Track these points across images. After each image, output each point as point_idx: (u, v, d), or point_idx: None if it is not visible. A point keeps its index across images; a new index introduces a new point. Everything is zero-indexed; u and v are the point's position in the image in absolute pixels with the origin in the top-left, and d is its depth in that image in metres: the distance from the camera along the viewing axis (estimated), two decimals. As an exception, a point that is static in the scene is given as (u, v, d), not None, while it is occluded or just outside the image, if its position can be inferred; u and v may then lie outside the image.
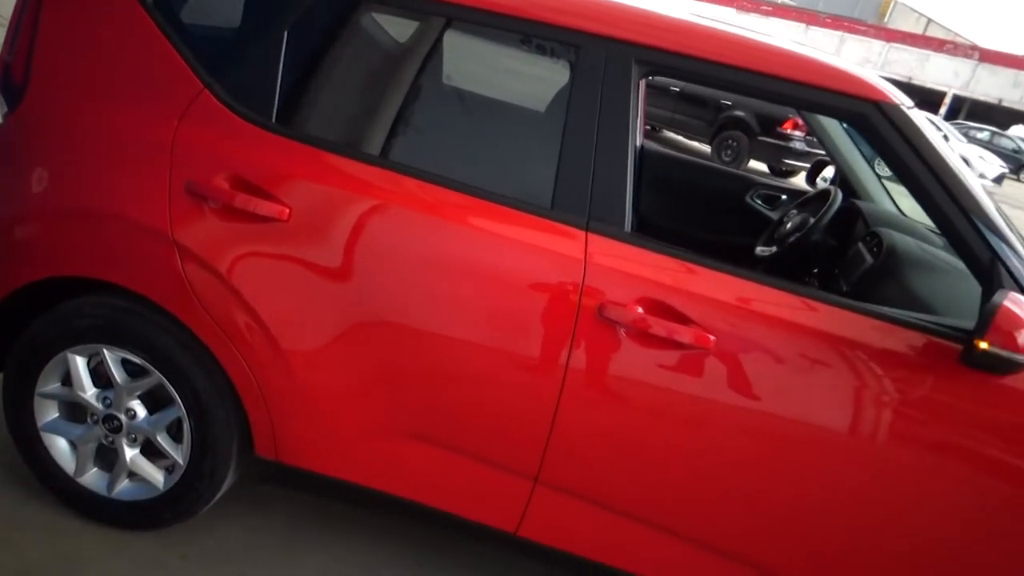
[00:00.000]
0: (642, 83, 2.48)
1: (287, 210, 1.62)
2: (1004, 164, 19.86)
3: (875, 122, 1.54)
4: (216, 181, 1.64)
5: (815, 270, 2.50)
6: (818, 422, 1.54)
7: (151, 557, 1.89)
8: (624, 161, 1.59)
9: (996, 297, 1.37)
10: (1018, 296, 1.39)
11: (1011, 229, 1.57)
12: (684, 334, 1.53)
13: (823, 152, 2.84)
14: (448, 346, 1.65)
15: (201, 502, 1.88)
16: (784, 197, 2.91)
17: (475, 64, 2.57)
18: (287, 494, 2.15)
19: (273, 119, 1.69)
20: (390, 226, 1.62)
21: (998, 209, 1.61)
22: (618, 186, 1.60)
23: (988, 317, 1.35)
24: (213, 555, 1.94)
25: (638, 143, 2.94)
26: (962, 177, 1.54)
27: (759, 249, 2.58)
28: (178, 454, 1.83)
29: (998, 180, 18.82)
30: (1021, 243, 1.56)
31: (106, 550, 1.88)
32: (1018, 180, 23.60)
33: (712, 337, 1.53)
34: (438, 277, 1.62)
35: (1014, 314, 1.35)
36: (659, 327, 1.53)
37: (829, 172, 3.16)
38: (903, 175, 1.55)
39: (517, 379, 1.63)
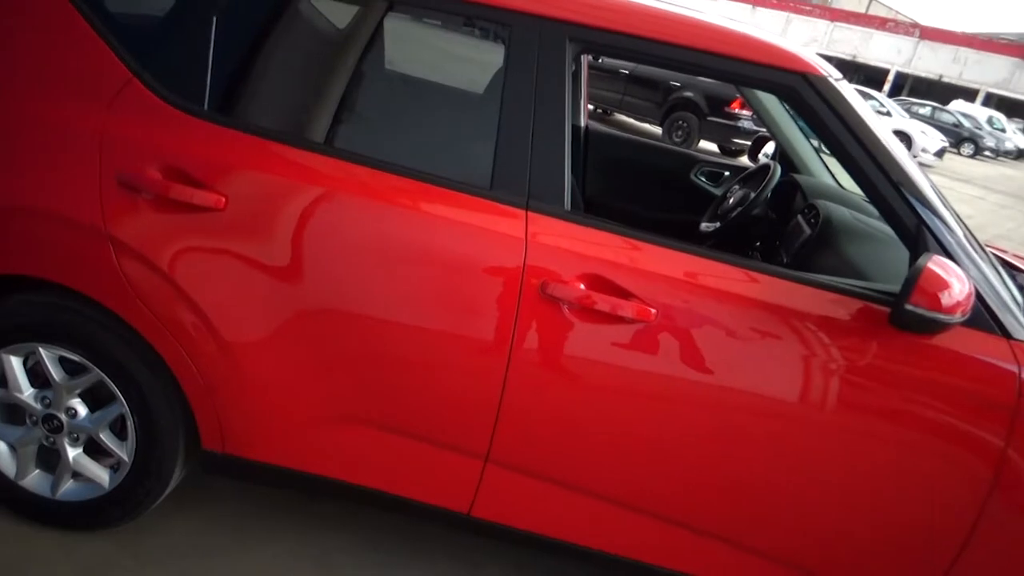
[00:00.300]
0: (584, 62, 2.49)
1: (223, 199, 1.60)
2: (944, 138, 20.41)
3: (803, 94, 1.58)
4: (148, 172, 1.61)
5: (757, 243, 2.55)
6: (760, 389, 1.57)
7: (102, 558, 1.86)
8: (561, 140, 1.61)
9: (920, 260, 1.42)
10: (941, 259, 1.44)
11: (937, 197, 1.63)
12: (626, 308, 1.55)
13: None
14: (393, 330, 1.64)
15: (150, 499, 1.85)
16: (727, 174, 2.96)
17: (417, 49, 2.55)
18: (238, 487, 2.13)
19: (205, 106, 1.66)
20: (329, 212, 1.61)
21: (924, 178, 1.67)
22: (556, 165, 1.61)
23: (912, 280, 1.40)
24: (166, 552, 1.92)
25: (582, 123, 2.96)
26: (889, 147, 1.58)
27: (704, 225, 2.62)
28: (123, 451, 1.80)
29: (939, 154, 19.34)
30: (946, 210, 1.62)
31: (55, 553, 1.84)
32: (959, 154, 24.32)
33: (653, 311, 1.55)
34: (380, 262, 1.61)
35: (937, 276, 1.39)
36: (602, 302, 1.55)
37: (770, 148, 3.23)
38: (832, 146, 1.59)
39: (463, 360, 1.63)
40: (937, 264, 1.41)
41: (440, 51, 2.58)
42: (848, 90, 1.66)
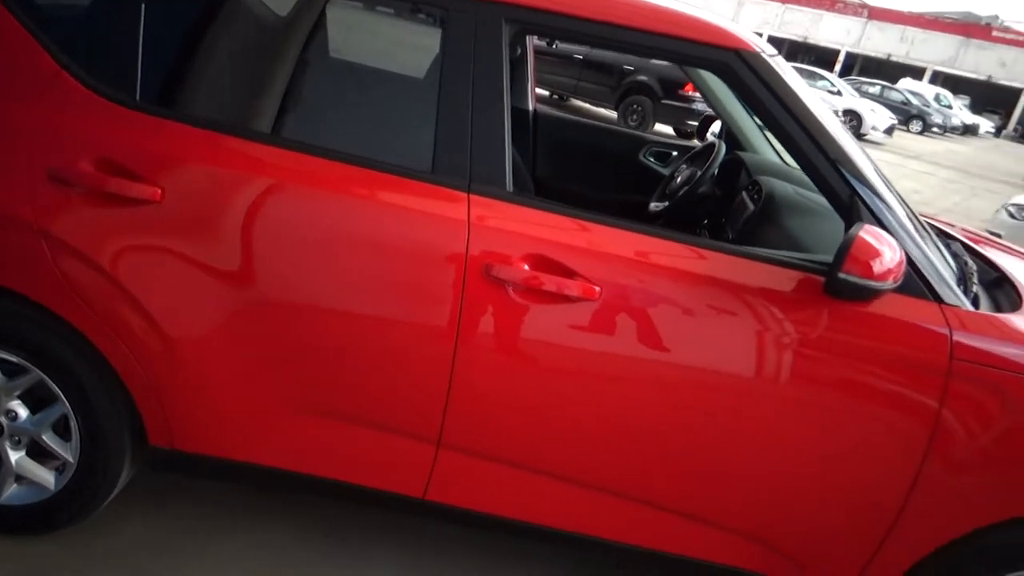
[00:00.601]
0: (530, 45, 2.47)
1: (159, 191, 1.57)
2: (893, 116, 20.89)
3: (736, 70, 1.60)
4: (80, 165, 1.57)
5: (705, 221, 2.59)
6: (702, 362, 1.60)
7: (50, 561, 1.82)
8: (501, 121, 1.61)
9: (852, 230, 1.46)
10: (873, 228, 1.47)
11: (870, 168, 1.67)
12: (571, 288, 1.56)
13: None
14: (339, 319, 1.63)
15: (98, 499, 1.82)
16: (675, 153, 2.99)
17: (360, 36, 2.53)
18: (190, 485, 2.10)
19: (137, 96, 1.63)
20: (267, 201, 1.59)
21: (858, 150, 1.71)
22: (497, 146, 1.61)
23: (845, 249, 1.43)
24: (116, 553, 1.88)
25: (530, 107, 2.97)
26: (822, 121, 1.61)
27: (653, 205, 2.65)
28: (67, 452, 1.77)
29: (889, 132, 19.79)
30: (879, 181, 1.66)
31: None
32: (908, 131, 24.89)
33: (597, 289, 1.56)
34: (323, 251, 1.60)
35: (868, 244, 1.43)
36: (546, 282, 1.56)
37: (717, 126, 3.27)
38: (766, 121, 1.62)
39: (410, 345, 1.63)
40: (869, 233, 1.45)
41: (384, 37, 2.56)
42: (782, 65, 1.68)
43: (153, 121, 1.60)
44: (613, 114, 11.20)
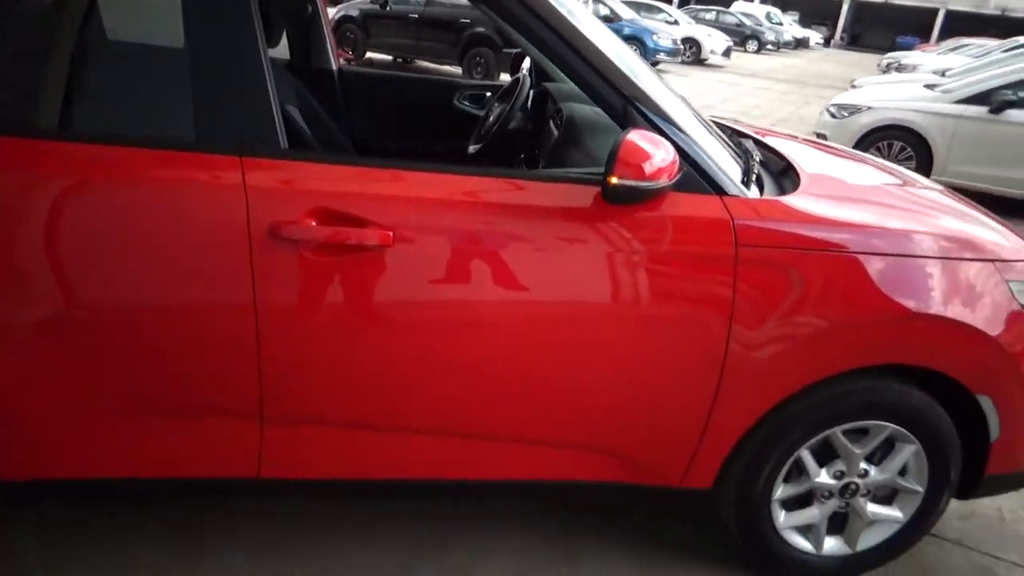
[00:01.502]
0: (321, 3, 2.32)
1: None
2: (729, 39, 21.81)
3: None
4: None
5: (522, 155, 2.60)
6: (514, 291, 1.60)
7: None
8: (262, 76, 1.53)
9: (621, 135, 1.49)
10: (643, 131, 1.51)
11: (640, 74, 1.70)
12: (365, 236, 1.52)
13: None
14: (133, 312, 1.53)
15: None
16: (489, 94, 2.98)
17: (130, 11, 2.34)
18: (16, 512, 1.95)
19: None
20: (27, 196, 1.46)
21: (628, 58, 1.74)
22: (263, 104, 1.53)
23: (613, 154, 1.46)
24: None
25: (334, 66, 2.87)
26: (585, 34, 1.62)
27: (471, 148, 2.63)
28: None
29: (726, 54, 20.66)
30: (651, 86, 1.69)
31: None
32: (745, 51, 26.08)
33: (391, 233, 1.53)
34: (105, 243, 1.48)
35: (636, 146, 1.47)
36: (337, 235, 1.52)
37: (528, 62, 3.27)
38: (531, 40, 1.62)
39: (211, 326, 1.55)
40: (636, 136, 1.48)
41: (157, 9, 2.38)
42: None
43: None
44: (458, 70, 11.10)
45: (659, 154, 1.49)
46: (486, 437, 1.75)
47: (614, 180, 1.47)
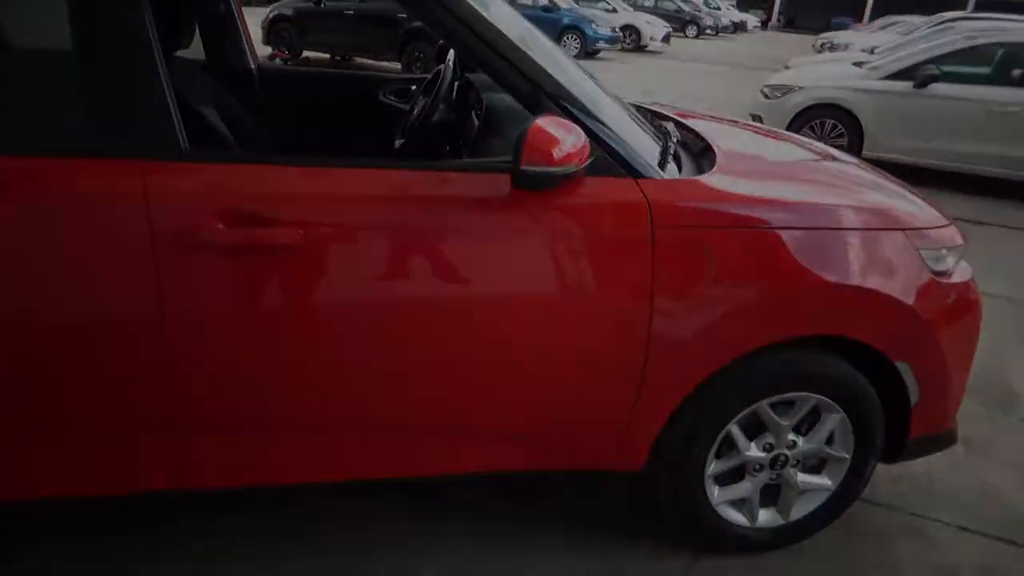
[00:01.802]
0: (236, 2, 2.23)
1: None
2: (668, 25, 22.03)
3: None
4: None
5: (448, 147, 2.57)
6: (434, 283, 1.60)
7: None
8: (156, 76, 1.47)
9: (529, 121, 1.48)
10: (551, 117, 1.50)
11: (550, 61, 1.68)
12: (275, 236, 1.49)
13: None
14: (41, 332, 1.48)
15: None
16: (414, 88, 2.95)
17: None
18: None
19: None
20: None
21: (537, 45, 1.73)
22: (159, 105, 1.48)
23: (521, 141, 1.45)
24: None
25: (252, 65, 2.80)
26: (493, 22, 1.60)
27: (396, 142, 2.60)
28: None
29: (666, 40, 20.87)
30: (560, 71, 1.68)
31: None
32: (685, 36, 26.37)
33: (301, 231, 1.50)
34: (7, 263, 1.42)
35: (544, 132, 1.46)
36: (244, 236, 1.48)
37: (453, 53, 3.25)
38: (437, 30, 1.60)
39: (117, 339, 1.50)
40: (545, 122, 1.47)
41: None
42: None
43: None
44: (397, 65, 10.99)
45: (569, 139, 1.48)
46: (413, 431, 1.73)
47: (523, 167, 1.46)
